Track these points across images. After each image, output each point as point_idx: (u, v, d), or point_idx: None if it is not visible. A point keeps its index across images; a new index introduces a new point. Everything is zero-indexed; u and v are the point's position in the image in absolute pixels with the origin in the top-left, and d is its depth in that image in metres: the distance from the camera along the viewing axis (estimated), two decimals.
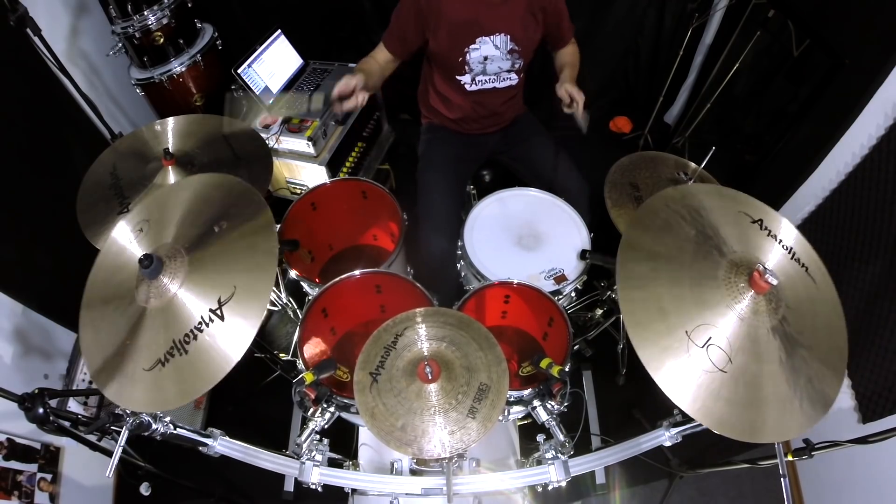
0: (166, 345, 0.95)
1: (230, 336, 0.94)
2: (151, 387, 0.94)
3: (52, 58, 1.60)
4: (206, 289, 0.99)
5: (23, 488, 1.48)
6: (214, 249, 1.04)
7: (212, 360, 0.93)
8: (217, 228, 1.07)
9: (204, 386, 0.92)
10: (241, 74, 1.98)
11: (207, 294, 0.98)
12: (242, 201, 1.11)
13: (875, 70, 1.50)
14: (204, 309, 0.97)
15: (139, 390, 0.95)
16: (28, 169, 1.78)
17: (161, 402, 0.96)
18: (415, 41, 1.63)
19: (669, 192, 1.12)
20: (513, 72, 1.70)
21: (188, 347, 0.95)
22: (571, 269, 1.47)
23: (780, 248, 1.07)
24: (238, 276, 0.99)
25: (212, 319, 0.96)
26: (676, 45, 2.45)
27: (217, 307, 0.97)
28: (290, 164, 2.10)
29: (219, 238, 1.06)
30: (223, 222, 1.08)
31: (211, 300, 0.97)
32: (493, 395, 0.99)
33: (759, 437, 0.91)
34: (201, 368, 0.93)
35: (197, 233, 1.07)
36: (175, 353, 0.95)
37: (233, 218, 1.08)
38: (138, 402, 0.96)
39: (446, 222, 1.66)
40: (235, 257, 1.03)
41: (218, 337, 0.95)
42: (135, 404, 0.97)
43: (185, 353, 0.94)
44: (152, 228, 1.11)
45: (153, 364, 0.95)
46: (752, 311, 0.95)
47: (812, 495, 1.80)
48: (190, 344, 0.95)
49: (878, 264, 1.49)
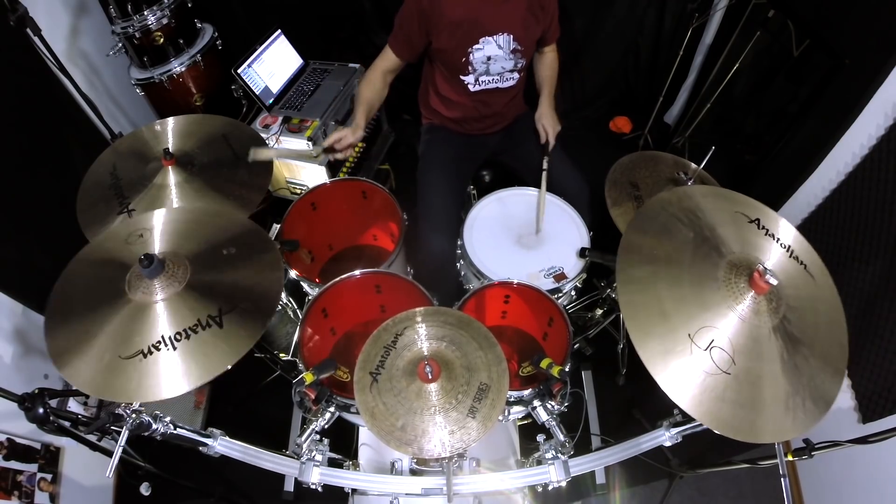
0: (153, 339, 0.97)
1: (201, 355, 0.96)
2: (102, 370, 0.94)
3: (52, 58, 1.60)
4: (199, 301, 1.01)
5: (23, 488, 1.48)
6: (218, 269, 1.07)
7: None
8: (226, 251, 1.10)
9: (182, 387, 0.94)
10: (241, 74, 1.98)
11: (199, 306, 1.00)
12: (253, 239, 1.15)
13: (875, 70, 1.50)
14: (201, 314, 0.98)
15: (91, 370, 0.94)
16: (28, 169, 1.78)
17: (108, 390, 0.95)
18: (421, 43, 1.63)
19: (666, 195, 1.12)
20: (515, 71, 1.71)
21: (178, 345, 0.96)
22: (571, 268, 1.47)
23: (779, 246, 1.07)
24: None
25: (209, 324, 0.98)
26: (676, 45, 2.45)
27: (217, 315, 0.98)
28: (290, 164, 2.10)
29: (226, 260, 1.09)
30: (232, 248, 1.11)
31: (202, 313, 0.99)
32: (493, 395, 0.99)
33: (763, 438, 0.90)
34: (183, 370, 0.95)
35: (202, 248, 1.09)
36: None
37: (241, 247, 1.12)
38: (86, 381, 0.95)
39: (446, 222, 1.66)
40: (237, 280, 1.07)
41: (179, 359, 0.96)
42: (84, 383, 0.95)
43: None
44: (156, 235, 1.13)
45: (133, 353, 0.95)
46: (754, 312, 0.95)
47: (812, 495, 1.80)
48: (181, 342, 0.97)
49: (878, 264, 1.48)
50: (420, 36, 1.61)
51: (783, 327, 0.97)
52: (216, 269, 1.08)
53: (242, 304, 1.02)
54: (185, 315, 0.99)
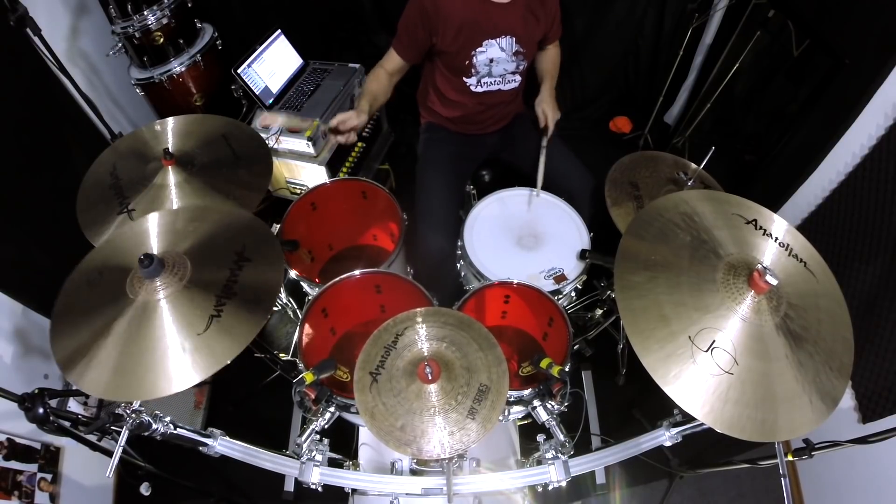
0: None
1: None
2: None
3: (52, 58, 1.60)
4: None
5: (23, 488, 1.48)
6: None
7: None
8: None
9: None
10: (241, 74, 1.98)
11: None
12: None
13: (875, 70, 1.50)
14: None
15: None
16: (28, 169, 1.78)
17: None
18: (425, 45, 1.64)
19: (661, 201, 1.13)
20: (517, 73, 1.71)
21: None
22: (571, 269, 1.47)
23: (777, 245, 1.07)
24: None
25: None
26: (676, 45, 2.45)
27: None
28: (289, 164, 2.10)
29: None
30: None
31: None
32: (493, 396, 0.99)
33: (772, 436, 0.91)
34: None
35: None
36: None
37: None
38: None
39: (446, 222, 1.66)
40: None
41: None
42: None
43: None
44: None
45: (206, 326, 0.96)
46: (754, 311, 0.96)
47: (812, 495, 1.80)
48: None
49: (878, 264, 1.48)
50: (424, 38, 1.61)
51: (785, 325, 0.97)
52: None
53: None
54: (198, 306, 1.00)
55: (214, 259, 1.08)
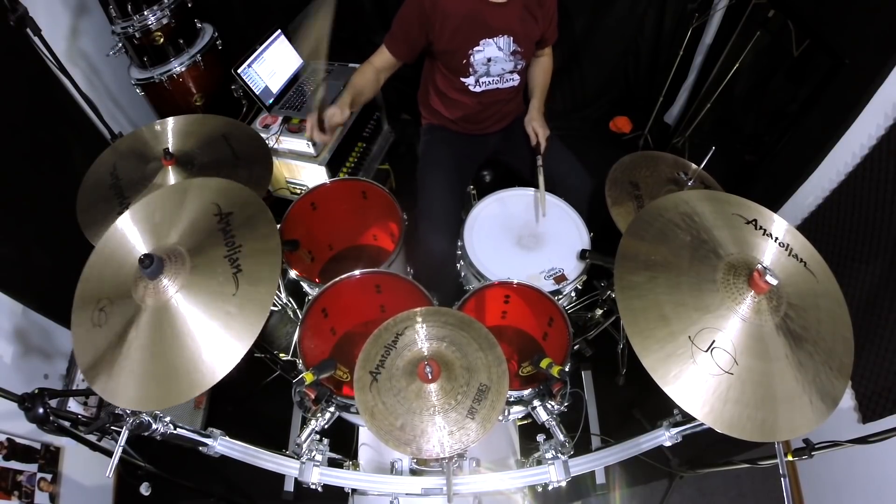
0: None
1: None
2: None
3: (52, 58, 1.60)
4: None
5: (23, 488, 1.48)
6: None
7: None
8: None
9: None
10: (241, 74, 1.98)
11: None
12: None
13: (875, 70, 1.50)
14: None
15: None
16: (28, 169, 1.78)
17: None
18: (420, 44, 1.63)
19: (662, 201, 1.13)
20: (515, 73, 1.71)
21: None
22: (571, 269, 1.47)
23: (777, 245, 1.07)
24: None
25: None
26: (676, 45, 2.45)
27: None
28: (290, 164, 2.10)
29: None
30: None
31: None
32: (493, 396, 0.99)
33: (772, 436, 0.90)
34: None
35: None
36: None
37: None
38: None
39: (446, 222, 1.66)
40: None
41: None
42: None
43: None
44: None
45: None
46: (754, 311, 0.96)
47: (812, 495, 1.80)
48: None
49: (878, 264, 1.48)
50: (420, 37, 1.61)
51: (785, 325, 0.97)
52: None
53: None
54: (216, 277, 1.00)
55: (202, 231, 1.08)
